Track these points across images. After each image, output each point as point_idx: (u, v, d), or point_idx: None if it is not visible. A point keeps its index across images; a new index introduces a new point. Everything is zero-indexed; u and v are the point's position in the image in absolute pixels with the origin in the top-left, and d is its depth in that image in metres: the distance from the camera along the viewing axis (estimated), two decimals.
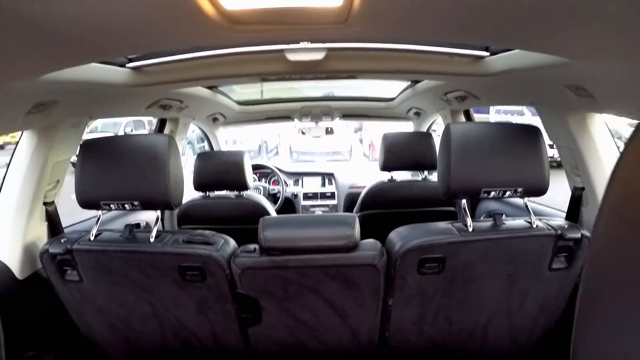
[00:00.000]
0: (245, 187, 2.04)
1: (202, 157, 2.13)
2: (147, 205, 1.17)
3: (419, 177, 2.25)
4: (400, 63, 1.39)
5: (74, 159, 1.40)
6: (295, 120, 3.03)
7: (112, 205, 1.16)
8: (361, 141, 9.72)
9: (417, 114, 2.69)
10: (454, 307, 1.26)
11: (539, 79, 1.22)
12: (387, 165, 2.09)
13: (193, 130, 5.12)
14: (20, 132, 1.34)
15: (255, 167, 3.18)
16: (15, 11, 0.62)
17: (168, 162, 1.13)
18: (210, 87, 2.14)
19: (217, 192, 2.15)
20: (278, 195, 3.11)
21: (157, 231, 1.21)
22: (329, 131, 3.17)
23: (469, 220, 1.18)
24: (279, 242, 1.17)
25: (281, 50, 1.31)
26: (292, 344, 1.35)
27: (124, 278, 1.20)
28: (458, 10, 0.71)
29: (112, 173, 1.14)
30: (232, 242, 1.26)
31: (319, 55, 1.31)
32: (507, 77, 1.31)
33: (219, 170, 2.00)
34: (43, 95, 1.11)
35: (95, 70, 1.17)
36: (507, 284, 1.22)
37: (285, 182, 3.17)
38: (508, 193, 1.15)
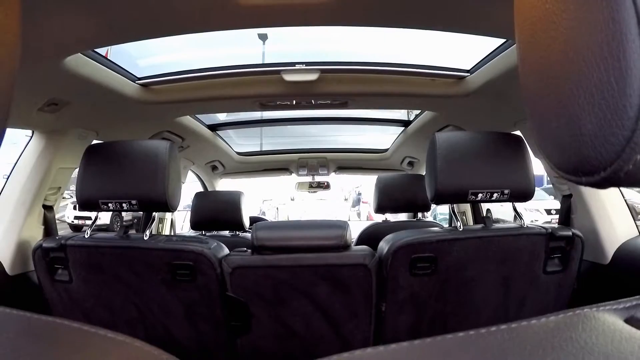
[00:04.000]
0: (241, 227, 2.04)
1: (199, 196, 2.16)
2: (144, 206, 1.17)
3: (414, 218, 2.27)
4: (387, 86, 1.50)
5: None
6: (293, 174, 3.14)
7: (110, 205, 1.16)
8: (359, 215, 9.81)
9: (411, 164, 2.78)
10: (450, 313, 1.22)
11: (513, 88, 1.31)
12: (381, 207, 2.12)
13: None
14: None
15: (253, 221, 3.18)
16: None
17: (168, 165, 1.16)
18: (212, 130, 2.27)
19: (213, 232, 2.14)
20: None
21: (152, 233, 1.21)
22: (325, 186, 3.28)
23: (459, 223, 1.19)
24: (271, 241, 1.18)
25: (278, 72, 1.43)
26: (283, 359, 1.27)
27: (113, 278, 1.18)
28: None
29: (113, 173, 1.17)
30: (225, 248, 1.26)
31: (313, 76, 1.42)
32: (488, 94, 1.41)
33: (216, 209, 2.03)
34: (57, 91, 1.19)
35: (108, 77, 1.27)
36: (503, 288, 1.19)
37: None
38: (495, 195, 1.16)
